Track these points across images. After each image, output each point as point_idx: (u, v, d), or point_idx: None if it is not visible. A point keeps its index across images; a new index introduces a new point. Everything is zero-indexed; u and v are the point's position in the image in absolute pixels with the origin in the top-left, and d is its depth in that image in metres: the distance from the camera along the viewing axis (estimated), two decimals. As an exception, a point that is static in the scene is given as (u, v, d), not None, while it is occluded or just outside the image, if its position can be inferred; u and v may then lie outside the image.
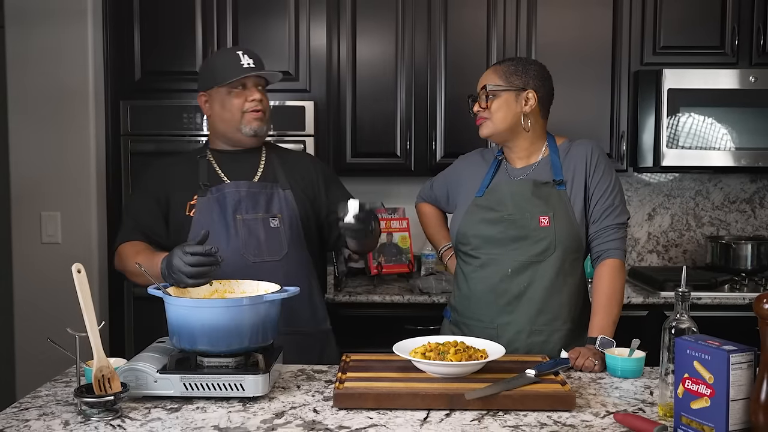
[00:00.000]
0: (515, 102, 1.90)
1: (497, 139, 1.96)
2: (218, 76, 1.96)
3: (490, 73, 1.94)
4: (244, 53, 1.97)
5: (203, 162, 2.02)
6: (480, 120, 1.94)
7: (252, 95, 1.96)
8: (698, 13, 3.03)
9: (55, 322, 2.78)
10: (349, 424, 1.36)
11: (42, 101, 2.86)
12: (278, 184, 2.02)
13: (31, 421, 1.38)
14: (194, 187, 1.97)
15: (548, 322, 1.88)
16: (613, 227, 1.89)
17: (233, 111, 1.96)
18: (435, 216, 2.25)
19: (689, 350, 1.25)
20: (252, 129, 1.97)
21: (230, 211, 1.94)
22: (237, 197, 1.96)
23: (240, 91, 1.96)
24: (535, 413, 1.41)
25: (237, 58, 1.95)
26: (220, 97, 1.97)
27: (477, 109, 1.94)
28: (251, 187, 1.98)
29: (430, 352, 1.56)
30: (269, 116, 2.02)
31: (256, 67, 1.96)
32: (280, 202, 2.00)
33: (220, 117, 1.99)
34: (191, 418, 1.39)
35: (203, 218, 1.93)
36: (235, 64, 1.94)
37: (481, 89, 1.93)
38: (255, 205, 1.97)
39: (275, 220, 1.97)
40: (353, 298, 2.83)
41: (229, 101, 1.96)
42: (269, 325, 1.56)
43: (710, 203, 3.40)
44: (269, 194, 1.99)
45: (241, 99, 1.95)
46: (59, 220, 2.88)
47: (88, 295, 1.45)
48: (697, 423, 1.24)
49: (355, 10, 3.05)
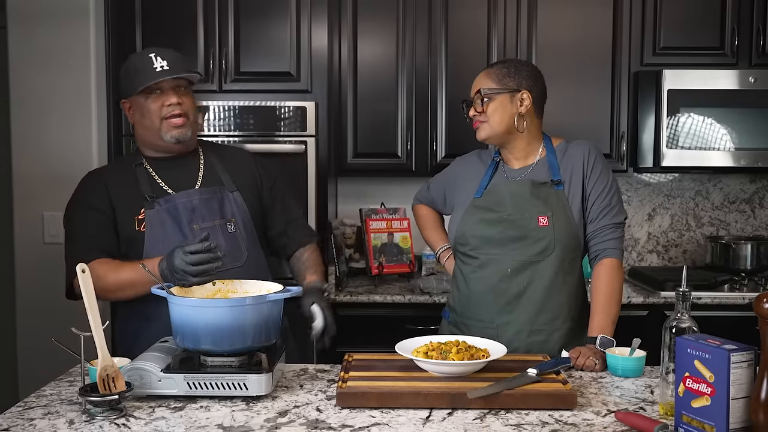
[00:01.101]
0: (510, 104, 1.91)
1: (495, 141, 1.97)
2: (134, 83, 1.85)
3: (483, 76, 1.95)
4: (157, 55, 1.85)
5: (141, 171, 1.92)
6: (476, 124, 1.95)
7: (168, 100, 1.85)
8: (698, 14, 3.04)
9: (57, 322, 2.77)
10: (352, 422, 1.37)
11: (44, 101, 2.86)
12: (224, 187, 1.95)
13: (36, 420, 1.39)
14: (138, 199, 1.87)
15: (548, 321, 1.89)
16: (610, 227, 1.90)
17: (152, 118, 1.86)
18: (431, 217, 2.25)
19: (690, 349, 1.26)
20: (173, 136, 1.87)
21: (185, 221, 1.86)
22: (190, 206, 1.88)
23: (157, 96, 1.85)
24: (537, 412, 1.42)
25: (150, 61, 1.84)
26: (139, 103, 1.87)
27: (473, 113, 1.95)
28: (202, 194, 1.90)
29: (432, 351, 1.57)
30: (194, 118, 1.93)
31: (170, 70, 1.84)
32: (231, 206, 1.94)
33: (141, 124, 1.90)
34: (195, 417, 1.40)
35: (156, 232, 1.85)
36: (147, 68, 1.83)
37: (475, 93, 1.94)
38: (210, 212, 1.90)
39: (230, 225, 1.92)
40: (354, 297, 2.84)
41: (147, 108, 1.86)
42: (272, 324, 1.57)
43: (710, 203, 3.42)
44: (220, 199, 1.92)
45: (158, 104, 1.85)
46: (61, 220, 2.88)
47: (92, 294, 1.46)
48: (698, 421, 1.25)
49: (356, 11, 3.06)
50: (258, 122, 2.78)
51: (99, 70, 2.89)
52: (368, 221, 3.15)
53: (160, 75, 1.84)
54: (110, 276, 1.80)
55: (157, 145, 1.92)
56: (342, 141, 3.09)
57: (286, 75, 2.82)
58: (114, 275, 1.80)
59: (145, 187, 1.89)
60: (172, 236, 1.85)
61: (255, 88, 2.82)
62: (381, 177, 3.30)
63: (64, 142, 2.87)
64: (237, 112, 2.78)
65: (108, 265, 1.82)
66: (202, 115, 2.02)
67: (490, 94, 1.91)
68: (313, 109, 2.77)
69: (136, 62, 1.88)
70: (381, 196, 3.34)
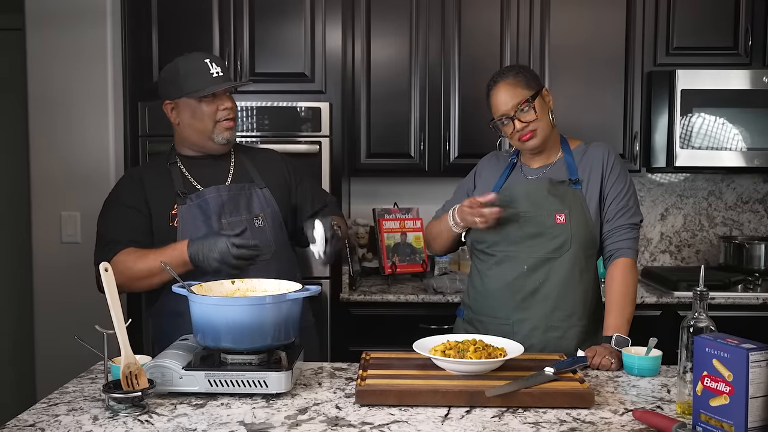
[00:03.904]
0: (544, 103, 1.94)
1: (545, 144, 1.95)
2: (187, 86, 1.91)
3: (513, 87, 1.90)
4: (212, 61, 1.92)
5: (175, 169, 1.99)
6: (528, 134, 1.91)
7: (224, 104, 1.93)
8: (711, 14, 3.03)
9: (75, 321, 2.82)
10: (372, 420, 1.39)
11: (61, 102, 2.90)
12: (254, 183, 2.02)
13: (61, 416, 1.41)
14: (171, 196, 1.94)
15: (564, 318, 1.90)
16: (626, 227, 1.91)
17: (205, 120, 1.92)
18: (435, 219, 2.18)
19: (708, 348, 1.27)
20: (224, 138, 1.95)
21: (214, 215, 1.93)
22: (219, 201, 1.95)
23: (211, 100, 1.92)
24: (555, 410, 1.43)
25: (206, 67, 1.91)
26: (190, 106, 1.92)
27: (520, 125, 1.89)
28: (231, 190, 1.97)
29: (449, 350, 1.59)
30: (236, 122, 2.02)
31: (224, 76, 1.93)
32: (260, 202, 2.00)
33: (190, 126, 1.95)
34: (217, 414, 1.42)
35: (188, 226, 1.91)
36: (204, 74, 1.90)
37: (523, 103, 1.89)
38: (237, 207, 1.96)
39: (258, 219, 1.98)
40: (368, 297, 2.86)
41: (200, 110, 1.92)
42: (291, 323, 1.59)
43: (723, 203, 3.41)
44: (248, 195, 2.00)
45: (212, 108, 1.92)
46: (79, 220, 2.92)
47: (115, 293, 1.48)
48: (716, 420, 1.26)
49: (369, 12, 3.07)
50: (273, 123, 2.80)
51: (116, 71, 2.92)
52: (381, 221, 3.16)
53: (218, 81, 1.91)
54: (138, 263, 1.86)
55: (204, 146, 1.98)
56: (355, 141, 3.11)
57: (301, 76, 2.84)
58: (142, 262, 1.86)
59: (178, 184, 1.96)
60: (202, 230, 1.91)
61: (270, 88, 2.84)
62: (394, 177, 3.32)
63: (81, 143, 2.91)
64: (252, 112, 2.80)
65: (135, 253, 1.88)
66: None
67: (533, 100, 1.90)
68: (327, 110, 2.79)
69: (188, 66, 1.93)
70: (394, 196, 3.35)
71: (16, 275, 3.49)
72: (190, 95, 1.91)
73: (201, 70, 1.91)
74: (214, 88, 1.90)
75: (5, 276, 3.56)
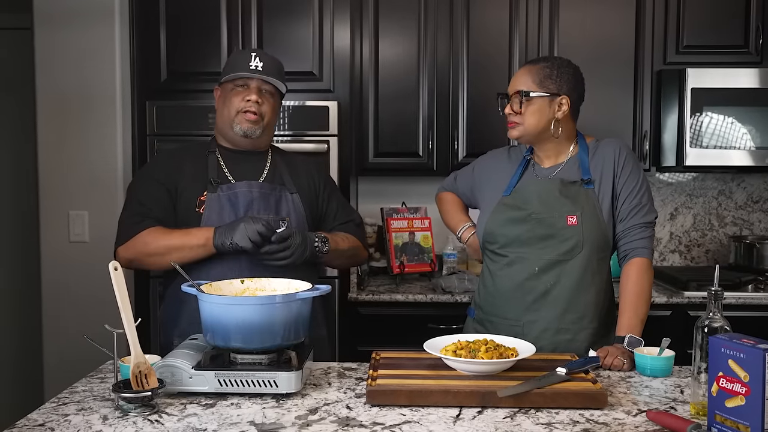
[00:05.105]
0: (548, 108, 1.89)
1: (525, 141, 1.97)
2: (224, 72, 2.00)
3: (524, 74, 1.92)
4: (257, 56, 1.97)
5: (213, 158, 2.02)
6: (511, 124, 1.93)
7: (250, 95, 1.95)
8: (722, 12, 3.01)
9: (83, 320, 2.83)
10: (383, 420, 1.38)
11: (69, 101, 2.90)
12: (285, 187, 2.03)
13: (70, 416, 1.40)
14: (203, 182, 1.96)
15: (575, 320, 1.88)
16: (640, 226, 1.89)
17: (230, 108, 1.97)
18: (455, 201, 2.21)
19: (724, 348, 1.26)
20: (242, 129, 1.96)
21: (242, 210, 1.94)
22: (249, 197, 1.96)
23: (241, 90, 1.96)
24: (567, 411, 1.42)
25: (248, 58, 1.96)
26: (225, 92, 1.99)
27: (509, 111, 1.92)
28: (263, 188, 1.98)
29: (461, 350, 1.57)
30: (268, 122, 2.00)
31: (262, 71, 1.95)
32: (288, 205, 2.01)
33: (220, 112, 2.02)
34: (227, 413, 1.41)
35: (213, 215, 1.92)
36: (243, 63, 1.96)
37: (515, 93, 1.90)
38: (266, 206, 1.97)
39: (283, 222, 1.96)
40: (376, 297, 2.85)
41: (230, 98, 1.97)
42: (301, 322, 1.58)
43: (733, 203, 3.39)
44: (278, 197, 2.00)
45: (239, 97, 1.96)
46: (87, 219, 2.92)
47: (124, 292, 1.47)
48: (732, 421, 1.24)
49: (377, 10, 3.06)
50: (281, 121, 2.79)
51: (124, 71, 2.92)
52: (389, 220, 3.15)
53: (249, 71, 1.95)
54: (160, 240, 1.88)
55: (227, 135, 2.02)
56: (363, 140, 3.10)
57: (309, 74, 2.83)
58: (165, 239, 1.87)
59: (212, 173, 1.98)
60: (226, 221, 1.91)
61: (278, 87, 2.83)
62: (402, 176, 3.31)
63: (89, 142, 2.91)
64: (260, 111, 2.79)
65: (159, 231, 1.90)
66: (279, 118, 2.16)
67: (530, 96, 1.89)
68: (336, 109, 2.78)
69: (237, 56, 2.03)
70: (402, 196, 3.34)
71: (24, 275, 3.49)
72: (223, 80, 1.98)
73: (243, 60, 1.97)
74: (241, 74, 1.94)
75: (13, 275, 3.56)
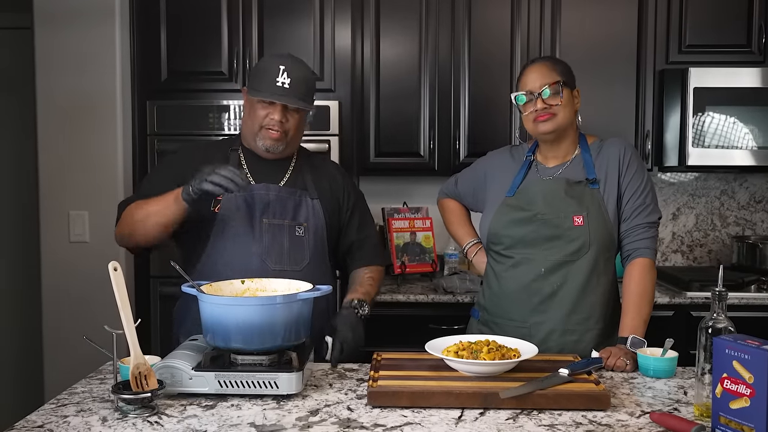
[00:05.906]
0: (572, 100, 1.92)
1: (555, 135, 1.91)
2: (252, 82, 1.91)
3: (548, 69, 1.89)
4: (285, 69, 1.85)
5: (234, 156, 1.98)
6: (546, 116, 1.87)
7: (274, 114, 1.88)
8: (724, 12, 3.00)
9: (83, 321, 2.82)
10: (384, 422, 1.37)
11: (70, 101, 2.89)
12: (307, 192, 1.98)
13: (69, 417, 1.39)
14: None
15: (581, 321, 1.87)
16: (643, 226, 1.88)
17: (254, 121, 1.91)
18: (459, 211, 2.21)
19: (728, 350, 1.25)
20: (264, 145, 1.92)
21: (257, 213, 1.90)
22: (266, 200, 1.91)
23: (266, 105, 1.89)
24: (570, 412, 1.41)
25: (276, 72, 1.85)
26: (251, 102, 1.92)
27: (542, 105, 1.87)
28: (281, 192, 1.94)
29: (462, 351, 1.56)
30: (292, 138, 1.94)
31: (286, 92, 1.85)
32: (307, 211, 1.96)
33: (245, 120, 1.97)
34: (227, 415, 1.40)
35: (229, 216, 1.89)
36: (271, 78, 1.86)
37: (552, 84, 1.87)
38: (282, 211, 1.92)
39: (300, 228, 1.93)
40: (377, 297, 2.83)
41: (254, 110, 1.91)
42: (302, 323, 1.57)
43: (735, 203, 3.38)
44: (297, 201, 1.95)
45: (264, 112, 1.89)
46: (87, 219, 2.91)
47: (124, 292, 1.46)
48: (736, 423, 1.23)
49: (378, 10, 3.05)
50: (281, 121, 2.78)
51: (124, 71, 2.91)
52: (391, 220, 3.14)
53: (274, 91, 1.85)
54: (141, 208, 1.86)
55: (251, 144, 1.98)
56: (364, 140, 3.09)
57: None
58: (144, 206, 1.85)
59: None
60: (240, 223, 1.89)
61: (278, 87, 2.82)
62: (403, 176, 3.30)
63: (89, 142, 2.90)
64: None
65: (140, 202, 1.89)
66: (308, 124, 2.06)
67: (569, 87, 1.90)
68: (337, 108, 2.77)
69: (264, 63, 1.92)
70: (403, 196, 3.33)
71: (24, 275, 3.49)
72: (249, 92, 1.91)
73: (271, 73, 1.86)
74: (264, 95, 1.86)
75: (13, 275, 3.55)
